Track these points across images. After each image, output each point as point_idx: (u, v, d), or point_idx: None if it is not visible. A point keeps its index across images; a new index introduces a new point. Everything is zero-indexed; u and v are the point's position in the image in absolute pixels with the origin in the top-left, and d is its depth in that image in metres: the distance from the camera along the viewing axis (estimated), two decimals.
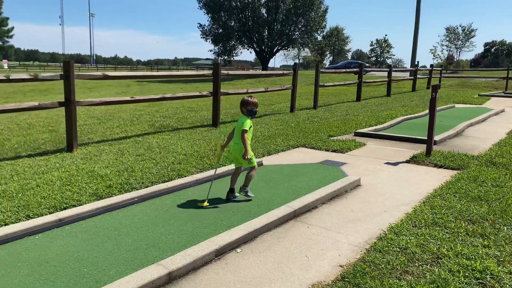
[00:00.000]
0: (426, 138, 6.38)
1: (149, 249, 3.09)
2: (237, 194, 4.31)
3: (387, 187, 4.84)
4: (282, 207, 3.84)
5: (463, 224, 3.55)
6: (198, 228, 3.50)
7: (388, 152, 6.73)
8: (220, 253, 3.03)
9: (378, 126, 8.99)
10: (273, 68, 78.90)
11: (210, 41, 39.48)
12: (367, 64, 44.69)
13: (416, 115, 11.16)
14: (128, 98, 7.33)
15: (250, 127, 4.20)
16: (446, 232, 3.41)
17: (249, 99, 4.28)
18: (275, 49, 39.82)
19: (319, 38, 53.53)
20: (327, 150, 6.78)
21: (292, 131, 8.34)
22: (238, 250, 3.14)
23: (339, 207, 4.15)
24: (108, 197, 4.21)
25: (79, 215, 3.61)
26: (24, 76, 5.99)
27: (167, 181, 4.76)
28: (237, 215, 3.83)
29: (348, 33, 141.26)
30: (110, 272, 2.75)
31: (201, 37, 40.24)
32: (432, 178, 5.20)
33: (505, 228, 3.47)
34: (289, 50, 45.37)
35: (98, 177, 4.83)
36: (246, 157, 4.09)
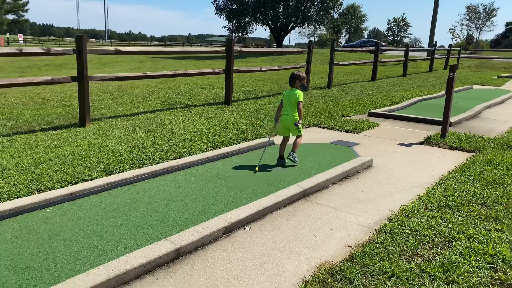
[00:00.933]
0: (441, 119, 6.25)
1: (158, 225, 3.11)
2: (286, 160, 4.76)
3: (399, 168, 4.77)
4: (292, 186, 3.82)
5: (476, 208, 3.48)
6: (207, 206, 3.50)
7: (402, 133, 6.62)
8: (228, 230, 3.03)
9: (393, 107, 8.84)
10: (287, 46, 77.91)
11: (224, 17, 38.96)
12: (383, 43, 43.82)
13: (432, 95, 10.94)
14: (140, 74, 7.30)
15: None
16: (459, 215, 3.35)
17: (301, 74, 4.73)
18: (290, 26, 39.15)
19: (335, 15, 52.43)
20: (340, 130, 6.70)
21: (305, 110, 8.24)
22: (247, 228, 3.14)
23: (350, 187, 4.11)
24: (119, 172, 4.23)
25: (90, 190, 3.64)
26: (37, 50, 5.99)
27: (177, 158, 4.76)
28: (246, 193, 3.82)
29: (365, 11, 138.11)
30: (119, 246, 2.78)
31: (215, 13, 39.76)
32: (447, 160, 5.10)
33: None
34: (304, 28, 44.47)
35: (109, 152, 4.85)
36: (298, 124, 4.66)
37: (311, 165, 4.79)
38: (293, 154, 4.68)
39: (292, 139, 4.87)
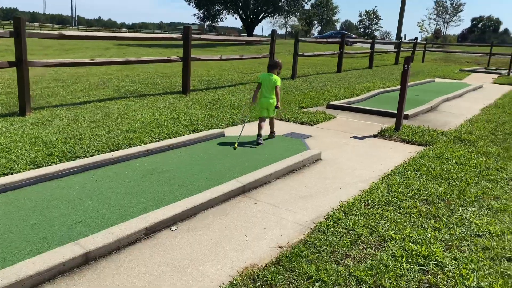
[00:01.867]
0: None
1: (75, 225, 2.83)
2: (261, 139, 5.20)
3: (348, 162, 4.64)
4: (231, 181, 3.61)
5: (418, 205, 3.37)
6: (135, 203, 3.24)
7: (357, 126, 6.52)
8: (151, 231, 2.80)
9: (353, 99, 8.76)
10: (260, 36, 77.42)
11: (194, 5, 38.21)
12: (353, 35, 44.09)
13: (394, 88, 10.93)
14: (87, 60, 6.89)
15: None
16: (399, 213, 3.22)
17: (281, 63, 5.39)
18: (260, 16, 38.80)
19: (307, 6, 52.39)
20: (295, 122, 6.53)
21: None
22: (173, 228, 2.90)
23: (294, 182, 3.93)
24: (48, 165, 3.91)
25: (6, 185, 3.31)
26: None
27: (115, 151, 4.46)
28: (182, 189, 3.58)
29: (337, 3, 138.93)
30: (24, 250, 2.49)
31: (185, 0, 38.85)
32: (397, 154, 5.01)
33: (460, 209, 3.31)
34: (275, 18, 44.18)
35: (41, 144, 4.50)
36: (278, 107, 5.26)
37: (259, 158, 4.59)
38: (272, 133, 5.47)
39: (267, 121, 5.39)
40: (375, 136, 5.88)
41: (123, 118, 6.02)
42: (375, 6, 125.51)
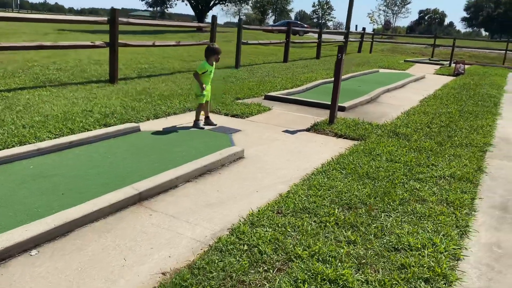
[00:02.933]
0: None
1: None
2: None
3: (274, 160, 4.22)
4: (125, 188, 3.07)
5: (336, 211, 2.99)
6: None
7: (292, 119, 6.13)
8: (3, 257, 2.22)
9: (292, 90, 8.39)
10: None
11: None
12: (305, 26, 44.03)
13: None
14: None
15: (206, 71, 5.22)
16: (314, 221, 2.83)
17: (219, 49, 5.28)
18: (211, 3, 37.81)
19: None
20: (227, 115, 6.04)
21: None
22: (33, 252, 2.34)
23: (206, 185, 3.45)
24: None
25: None
26: None
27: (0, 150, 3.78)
28: (65, 198, 3.01)
29: None
30: None
31: None
32: (327, 150, 4.65)
33: (382, 216, 2.96)
34: (227, 5, 43.24)
35: None
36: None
37: (174, 157, 4.07)
38: (197, 121, 5.30)
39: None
40: (307, 130, 5.51)
41: (26, 111, 5.27)
42: None
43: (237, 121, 5.77)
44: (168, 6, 39.42)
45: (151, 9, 46.20)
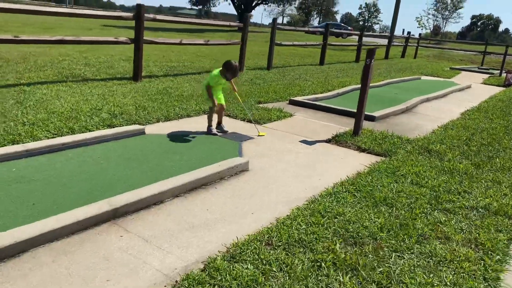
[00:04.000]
0: (367, 112, 5.32)
1: None
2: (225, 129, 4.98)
3: (281, 175, 3.77)
4: (99, 203, 2.73)
5: (338, 247, 2.51)
6: None
7: (313, 127, 5.64)
8: None
9: (321, 95, 7.87)
10: (255, 24, 75.97)
11: None
12: (349, 28, 42.96)
13: (373, 84, 10.05)
14: (9, 37, 5.94)
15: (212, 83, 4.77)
16: (307, 259, 2.37)
17: (237, 68, 4.72)
18: (253, 3, 37.58)
19: None
20: (243, 120, 5.65)
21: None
22: None
23: (195, 202, 3.07)
24: None
25: None
26: None
27: None
28: (36, 209, 2.71)
29: None
30: None
31: None
32: (345, 166, 4.15)
33: (393, 256, 2.45)
34: (269, 5, 42.79)
35: None
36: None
37: (171, 166, 3.72)
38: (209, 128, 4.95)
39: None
40: (328, 141, 5.02)
41: (35, 107, 5.10)
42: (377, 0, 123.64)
43: (252, 127, 5.35)
44: (211, 5, 39.50)
45: (196, 7, 46.58)
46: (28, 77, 7.15)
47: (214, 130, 4.89)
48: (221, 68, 4.76)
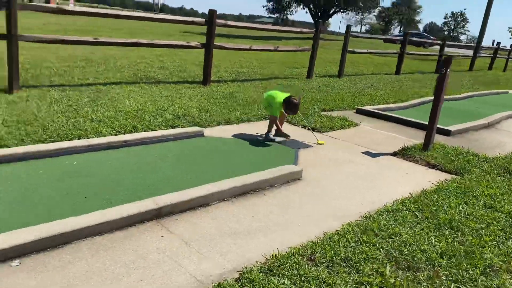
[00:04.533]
0: (439, 126, 4.92)
1: None
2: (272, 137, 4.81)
3: (336, 186, 3.56)
4: (145, 201, 2.73)
5: (388, 270, 2.27)
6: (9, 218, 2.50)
7: (379, 138, 5.31)
8: None
9: (393, 105, 7.45)
10: (333, 33, 75.01)
11: None
12: (432, 38, 40.72)
13: (453, 96, 9.36)
14: (90, 39, 6.34)
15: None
16: (351, 280, 2.16)
17: (298, 105, 4.57)
18: (331, 11, 37.14)
19: (386, 4, 49.51)
20: (304, 127, 5.48)
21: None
22: (15, 263, 2.11)
23: (241, 208, 2.98)
24: None
25: None
26: None
27: (56, 142, 3.78)
28: (87, 203, 2.79)
29: (422, 3, 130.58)
30: None
31: None
32: (410, 182, 3.83)
33: (451, 286, 2.16)
34: (347, 13, 41.90)
35: None
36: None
37: (223, 169, 3.67)
38: (267, 133, 4.82)
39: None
40: (394, 154, 4.68)
41: (105, 105, 5.36)
42: (465, 9, 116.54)
43: (313, 135, 5.17)
44: (288, 13, 39.71)
45: (273, 15, 47.10)
46: (105, 77, 7.60)
47: (272, 135, 4.79)
48: (284, 96, 4.60)
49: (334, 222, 2.89)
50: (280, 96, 4.64)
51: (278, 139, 4.79)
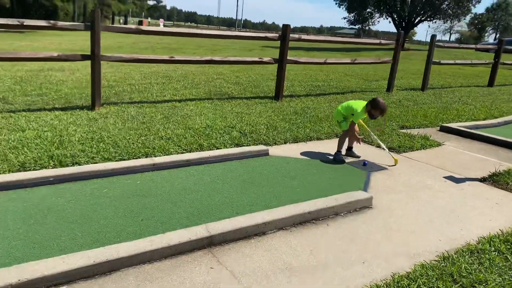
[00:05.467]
0: None
1: None
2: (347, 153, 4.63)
3: (411, 217, 3.18)
4: (196, 228, 2.61)
5: None
6: (48, 239, 2.53)
7: (465, 161, 4.74)
8: None
9: (483, 122, 6.70)
10: (419, 43, 71.39)
11: (344, 8, 36.82)
12: None
13: None
14: (166, 58, 6.55)
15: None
16: None
17: (384, 106, 4.23)
18: (417, 20, 35.29)
19: (478, 10, 46.04)
20: (379, 147, 5.09)
21: None
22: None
23: (299, 239, 2.74)
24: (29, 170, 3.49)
25: None
26: (42, 23, 5.59)
27: (125, 160, 3.86)
28: (142, 226, 2.75)
29: None
30: None
31: (335, 3, 37.68)
32: (501, 215, 3.31)
33: None
34: (434, 22, 39.46)
35: (48, 141, 4.16)
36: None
37: (285, 193, 3.47)
38: (337, 153, 4.53)
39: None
40: (482, 180, 4.12)
41: (177, 122, 5.44)
42: None
43: (388, 155, 4.76)
44: (370, 24, 38.53)
45: (347, 26, 46.17)
46: (182, 94, 7.81)
47: (342, 156, 4.49)
48: (365, 103, 4.33)
49: (405, 261, 2.54)
50: (359, 103, 4.37)
51: (349, 159, 4.48)
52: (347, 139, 4.62)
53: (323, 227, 2.94)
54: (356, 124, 4.40)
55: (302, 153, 4.60)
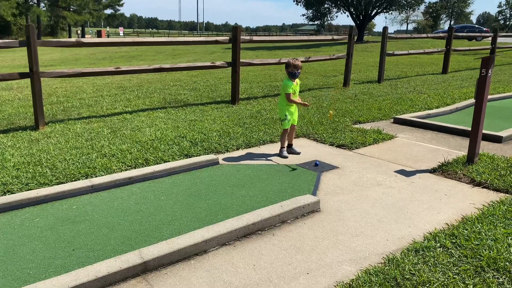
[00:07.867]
0: (492, 132, 4.37)
1: None
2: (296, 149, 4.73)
3: (359, 218, 3.11)
4: (128, 255, 2.44)
5: None
6: None
7: (417, 153, 4.75)
8: None
9: (435, 110, 6.78)
10: (379, 34, 72.81)
11: (302, 5, 37.07)
12: (484, 29, 38.28)
13: (506, 94, 8.46)
14: (111, 69, 6.30)
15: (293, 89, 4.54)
16: None
17: (291, 61, 4.51)
18: (373, 12, 35.95)
19: None
20: (332, 145, 5.04)
21: (313, 114, 6.61)
22: None
23: (242, 254, 2.61)
24: None
25: None
26: None
27: (62, 183, 3.63)
28: (72, 257, 2.55)
29: None
30: None
31: (293, 1, 37.84)
32: (448, 208, 3.28)
33: None
34: (391, 14, 40.32)
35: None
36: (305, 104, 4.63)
37: (231, 204, 3.33)
38: (281, 150, 4.65)
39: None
40: (432, 171, 4.12)
41: (125, 136, 5.22)
42: None
43: (342, 153, 4.71)
44: (328, 19, 38.95)
45: (306, 22, 46.65)
46: (134, 104, 7.56)
47: (285, 153, 4.58)
48: (285, 79, 4.59)
49: (349, 267, 2.45)
50: (284, 81, 4.56)
51: (301, 160, 4.40)
52: (287, 137, 4.66)
53: (269, 237, 2.82)
54: (292, 95, 4.50)
55: (254, 158, 4.48)
